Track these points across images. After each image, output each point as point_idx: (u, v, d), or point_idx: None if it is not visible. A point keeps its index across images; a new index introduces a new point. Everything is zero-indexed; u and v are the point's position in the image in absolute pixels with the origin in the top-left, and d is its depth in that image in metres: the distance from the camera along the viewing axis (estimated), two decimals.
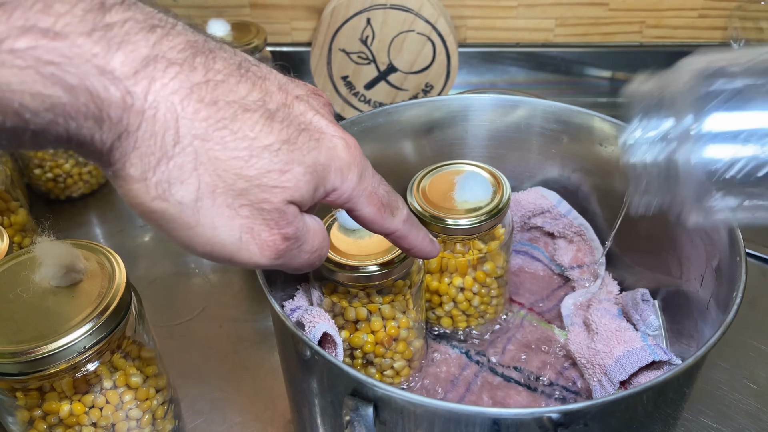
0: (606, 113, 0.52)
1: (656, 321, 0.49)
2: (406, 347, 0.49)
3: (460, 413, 0.33)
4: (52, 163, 0.72)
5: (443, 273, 0.51)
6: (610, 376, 0.45)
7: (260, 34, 0.77)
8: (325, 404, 0.38)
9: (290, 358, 0.40)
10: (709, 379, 0.54)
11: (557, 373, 0.51)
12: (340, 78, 0.82)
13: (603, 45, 0.89)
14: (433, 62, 0.80)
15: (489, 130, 0.56)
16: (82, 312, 0.38)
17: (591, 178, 0.55)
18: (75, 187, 0.75)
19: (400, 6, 0.75)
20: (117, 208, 0.76)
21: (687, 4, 0.86)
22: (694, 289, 0.46)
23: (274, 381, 0.55)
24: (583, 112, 0.53)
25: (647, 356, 0.44)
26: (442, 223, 0.48)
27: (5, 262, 0.42)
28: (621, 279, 0.55)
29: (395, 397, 0.33)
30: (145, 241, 0.71)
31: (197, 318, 0.61)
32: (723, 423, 0.51)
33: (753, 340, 0.57)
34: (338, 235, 0.46)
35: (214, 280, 0.65)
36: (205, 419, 0.52)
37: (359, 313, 0.46)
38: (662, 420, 0.38)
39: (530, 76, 0.91)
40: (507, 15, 0.88)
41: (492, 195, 0.50)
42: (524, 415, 0.32)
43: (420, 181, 0.52)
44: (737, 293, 0.37)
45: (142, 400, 0.43)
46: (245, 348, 0.58)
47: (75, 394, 0.40)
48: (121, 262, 0.42)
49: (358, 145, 0.31)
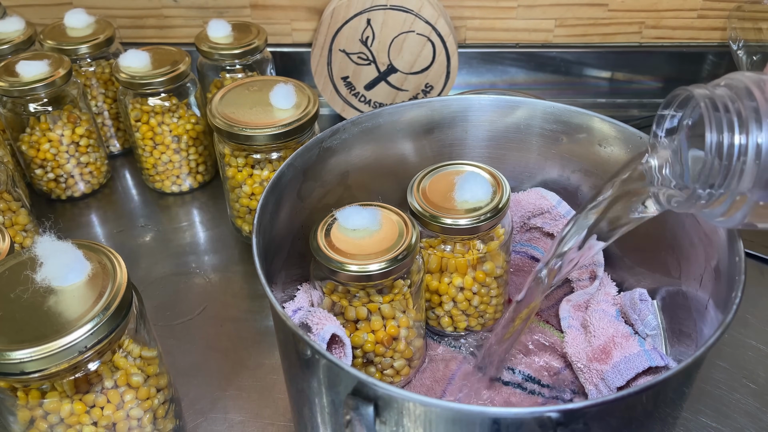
0: (606, 114, 0.52)
1: (654, 320, 0.49)
2: (406, 346, 0.49)
3: (461, 413, 0.33)
4: (54, 163, 0.72)
5: (443, 273, 0.51)
6: (608, 381, 0.46)
7: (261, 35, 0.77)
8: (325, 403, 0.38)
9: (291, 358, 0.40)
10: (709, 379, 0.54)
11: (555, 373, 0.51)
12: (341, 78, 0.82)
13: (602, 45, 0.89)
14: (433, 63, 0.80)
15: (489, 131, 0.56)
16: (83, 312, 0.38)
17: (591, 179, 0.55)
18: (76, 187, 0.75)
19: (400, 7, 0.76)
20: (118, 208, 0.76)
21: (686, 4, 0.86)
22: (693, 289, 0.46)
23: (274, 380, 0.55)
24: (582, 113, 0.53)
25: (644, 362, 0.45)
26: (442, 223, 0.48)
27: (6, 261, 0.42)
28: (620, 280, 0.55)
29: (396, 396, 0.33)
30: (146, 241, 0.71)
31: (198, 317, 0.61)
32: (722, 423, 0.51)
33: (752, 340, 0.57)
34: (338, 235, 0.47)
35: (215, 280, 0.65)
36: (206, 418, 0.52)
37: (359, 313, 0.46)
38: (662, 420, 0.38)
39: (530, 77, 0.92)
40: (507, 16, 0.88)
41: (492, 195, 0.50)
42: (524, 415, 0.32)
43: (420, 181, 0.52)
44: (736, 293, 0.37)
45: (143, 400, 0.43)
46: (246, 347, 0.58)
47: (76, 393, 0.40)
48: (122, 262, 0.42)
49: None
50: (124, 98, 0.72)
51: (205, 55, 0.76)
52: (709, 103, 0.33)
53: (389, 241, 0.46)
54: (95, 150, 0.75)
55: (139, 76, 0.69)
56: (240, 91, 0.64)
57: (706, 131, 0.33)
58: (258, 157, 0.61)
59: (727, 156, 0.32)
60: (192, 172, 0.76)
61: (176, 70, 0.70)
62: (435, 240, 0.51)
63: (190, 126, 0.73)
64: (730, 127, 0.32)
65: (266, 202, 0.45)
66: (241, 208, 0.65)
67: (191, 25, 0.91)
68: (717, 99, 0.33)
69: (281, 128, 0.59)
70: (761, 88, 0.31)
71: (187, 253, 0.69)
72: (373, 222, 0.47)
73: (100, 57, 0.78)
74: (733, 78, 0.33)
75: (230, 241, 0.70)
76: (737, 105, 0.32)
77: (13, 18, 0.77)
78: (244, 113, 0.61)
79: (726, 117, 0.32)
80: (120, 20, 0.90)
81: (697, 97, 0.34)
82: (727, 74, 0.34)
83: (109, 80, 0.79)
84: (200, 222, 0.74)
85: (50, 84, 0.67)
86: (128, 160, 0.83)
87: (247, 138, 0.59)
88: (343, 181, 0.54)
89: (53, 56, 0.70)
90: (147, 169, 0.76)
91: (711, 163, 0.33)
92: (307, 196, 0.52)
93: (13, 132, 0.71)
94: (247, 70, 0.78)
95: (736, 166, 0.32)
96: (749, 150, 0.31)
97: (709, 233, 0.44)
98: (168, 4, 0.89)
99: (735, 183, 0.32)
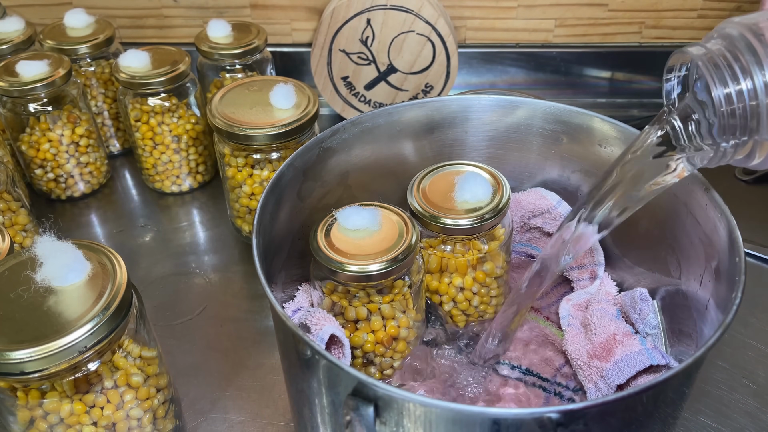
0: (605, 114, 0.52)
1: (655, 320, 0.49)
2: (406, 347, 0.49)
3: (461, 413, 0.33)
4: (53, 163, 0.72)
5: (443, 273, 0.51)
6: (608, 379, 0.45)
7: (261, 35, 0.77)
8: (325, 404, 0.38)
9: (291, 358, 0.40)
10: (709, 379, 0.54)
11: (555, 370, 0.51)
12: (341, 78, 0.82)
13: (602, 45, 0.89)
14: (433, 63, 0.80)
15: (489, 131, 0.56)
16: (83, 312, 0.38)
17: (591, 179, 0.55)
18: (76, 188, 0.75)
19: (400, 7, 0.76)
20: (118, 208, 0.76)
21: (686, 4, 0.86)
22: (694, 289, 0.46)
23: (274, 380, 0.55)
24: (582, 113, 0.53)
25: (645, 360, 0.45)
26: (442, 223, 0.48)
27: (6, 261, 0.42)
28: (620, 280, 0.55)
29: (396, 396, 0.33)
30: (146, 241, 0.71)
31: (198, 317, 0.61)
32: (722, 423, 0.51)
33: (752, 340, 0.57)
34: (338, 235, 0.47)
35: (215, 280, 0.65)
36: (206, 418, 0.52)
37: (359, 313, 0.46)
38: (662, 420, 0.38)
39: (530, 77, 0.92)
40: (506, 16, 0.88)
41: (492, 195, 0.50)
42: (524, 415, 0.32)
43: (420, 181, 0.52)
44: (737, 294, 0.37)
45: (143, 400, 0.43)
46: (246, 347, 0.58)
47: (76, 393, 0.40)
48: (122, 262, 0.42)
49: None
50: (124, 98, 0.72)
51: (205, 55, 0.76)
52: (707, 60, 0.34)
53: (389, 241, 0.46)
54: (95, 150, 0.75)
55: (139, 76, 0.69)
56: (240, 91, 0.64)
57: (711, 88, 0.34)
58: (258, 157, 0.61)
59: (738, 105, 0.33)
60: (192, 172, 0.76)
61: (176, 70, 0.70)
62: (435, 240, 0.51)
63: (190, 126, 0.73)
64: (734, 78, 0.33)
65: (266, 202, 0.45)
66: (241, 208, 0.65)
67: (191, 25, 0.91)
68: (714, 54, 0.34)
69: (281, 128, 0.59)
70: (755, 33, 0.32)
71: (187, 253, 0.69)
72: (373, 222, 0.47)
73: (100, 57, 0.78)
74: (725, 28, 0.34)
75: (230, 241, 0.70)
76: (736, 54, 0.33)
77: (13, 18, 0.77)
78: (244, 113, 0.61)
79: (728, 70, 0.33)
80: (120, 20, 0.90)
81: (694, 57, 0.35)
82: (718, 25, 0.35)
83: (109, 80, 0.79)
84: (200, 222, 0.74)
85: (50, 84, 0.67)
86: (128, 160, 0.83)
87: (247, 138, 0.59)
88: (343, 181, 0.54)
89: (53, 56, 0.70)
90: (147, 169, 0.76)
91: (726, 115, 0.33)
92: (307, 196, 0.52)
93: (13, 132, 0.71)
94: (247, 70, 0.78)
95: (752, 111, 0.33)
96: (758, 93, 0.32)
97: (709, 233, 0.44)
98: (168, 4, 0.89)
99: (755, 127, 0.33)
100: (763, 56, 0.32)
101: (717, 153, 0.36)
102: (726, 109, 0.33)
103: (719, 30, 0.35)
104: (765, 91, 0.32)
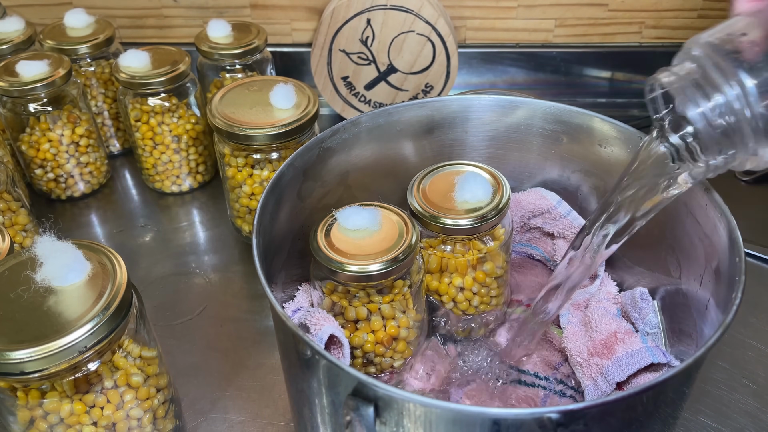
0: (606, 114, 0.52)
1: (655, 319, 0.49)
2: (406, 347, 0.49)
3: (461, 413, 0.33)
4: (53, 163, 0.72)
5: (443, 273, 0.51)
6: (608, 376, 0.45)
7: (261, 35, 0.77)
8: (325, 404, 0.38)
9: (291, 358, 0.40)
10: (709, 379, 0.54)
11: (553, 368, 0.51)
12: (341, 78, 0.82)
13: (602, 45, 0.89)
14: (433, 63, 0.80)
15: (489, 131, 0.56)
16: (83, 312, 0.38)
17: (591, 179, 0.55)
18: (76, 187, 0.75)
19: (400, 7, 0.76)
20: (118, 208, 0.76)
21: (686, 4, 0.86)
22: (694, 289, 0.46)
23: (274, 380, 0.55)
24: (582, 113, 0.53)
25: (646, 358, 0.45)
26: (442, 223, 0.48)
27: (6, 261, 0.42)
28: (620, 280, 0.55)
29: (396, 397, 0.33)
30: (145, 241, 0.71)
31: (198, 317, 0.61)
32: (722, 422, 0.51)
33: (752, 340, 0.57)
34: (338, 235, 0.47)
35: (215, 280, 0.65)
36: (206, 418, 0.52)
37: (359, 313, 0.46)
38: (662, 420, 0.38)
39: (530, 77, 0.92)
40: (507, 15, 0.88)
41: (492, 195, 0.50)
42: (524, 415, 0.32)
43: (420, 181, 0.52)
44: (737, 294, 0.37)
45: (143, 400, 0.43)
46: (246, 347, 0.58)
47: (76, 393, 0.40)
48: (122, 262, 0.42)
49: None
50: (124, 98, 0.72)
51: (205, 55, 0.76)
52: (678, 88, 0.35)
53: (389, 241, 0.46)
54: (95, 150, 0.75)
55: (138, 76, 0.69)
56: (240, 91, 0.64)
57: (687, 111, 0.34)
58: (258, 157, 0.61)
59: (717, 121, 0.34)
60: (192, 172, 0.76)
61: (176, 70, 0.70)
62: (435, 240, 0.51)
63: (190, 126, 0.73)
64: (706, 97, 0.34)
65: (266, 202, 0.45)
66: (241, 208, 0.65)
67: (191, 25, 0.91)
68: (685, 80, 0.35)
69: (281, 128, 0.59)
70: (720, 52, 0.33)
71: (187, 253, 0.69)
72: (373, 222, 0.47)
73: (100, 57, 0.78)
74: (692, 48, 0.35)
75: (230, 241, 0.70)
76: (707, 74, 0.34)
77: (13, 18, 0.77)
78: (244, 113, 0.61)
79: (700, 92, 0.34)
80: (120, 20, 0.90)
81: (665, 86, 0.36)
82: (684, 45, 0.36)
83: (109, 80, 0.79)
84: (200, 222, 0.74)
85: (50, 84, 0.67)
86: (128, 160, 0.83)
87: (247, 138, 0.59)
88: (343, 181, 0.54)
89: (53, 56, 0.70)
90: (147, 169, 0.76)
91: (707, 133, 0.34)
92: (307, 196, 0.52)
93: (13, 132, 0.71)
94: (247, 70, 0.78)
95: (732, 126, 0.33)
96: (734, 108, 0.33)
97: (709, 233, 0.44)
98: (168, 4, 0.89)
99: (738, 139, 0.34)
100: (729, 73, 0.33)
101: (708, 168, 0.37)
102: (705, 127, 0.34)
103: (686, 51, 0.36)
104: (741, 104, 0.33)
